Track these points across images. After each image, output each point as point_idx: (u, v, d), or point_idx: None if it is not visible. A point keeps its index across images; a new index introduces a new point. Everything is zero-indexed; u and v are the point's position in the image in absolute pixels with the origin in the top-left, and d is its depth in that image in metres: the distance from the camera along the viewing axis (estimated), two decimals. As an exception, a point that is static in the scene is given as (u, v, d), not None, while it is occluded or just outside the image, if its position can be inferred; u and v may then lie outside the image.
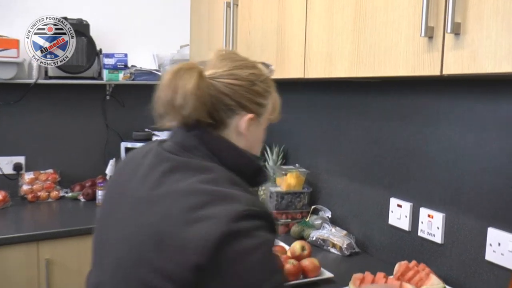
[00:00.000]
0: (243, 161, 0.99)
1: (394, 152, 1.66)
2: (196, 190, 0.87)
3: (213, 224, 0.80)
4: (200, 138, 0.96)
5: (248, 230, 0.82)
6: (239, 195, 0.86)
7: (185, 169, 0.92)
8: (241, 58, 1.04)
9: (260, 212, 0.85)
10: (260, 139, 1.07)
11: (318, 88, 2.08)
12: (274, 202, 2.03)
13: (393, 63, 1.17)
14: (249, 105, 1.00)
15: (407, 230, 1.60)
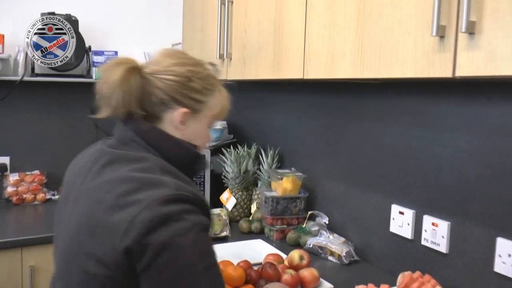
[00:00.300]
0: (179, 150, 1.04)
1: (395, 156, 1.59)
2: (127, 178, 0.92)
3: (139, 208, 0.85)
4: (135, 131, 1.02)
5: (177, 213, 0.87)
6: (168, 181, 0.91)
7: (121, 161, 0.98)
8: (184, 56, 1.09)
9: (189, 196, 0.90)
10: (202, 135, 1.10)
11: (315, 89, 2.01)
12: (269, 207, 1.96)
13: (400, 64, 1.10)
14: (184, 100, 1.04)
15: (409, 238, 1.53)
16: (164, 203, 0.86)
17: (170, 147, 1.03)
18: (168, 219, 0.86)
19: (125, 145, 1.02)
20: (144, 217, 0.85)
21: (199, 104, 1.06)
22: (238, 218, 2.18)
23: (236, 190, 2.21)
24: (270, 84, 2.33)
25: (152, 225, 0.84)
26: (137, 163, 0.96)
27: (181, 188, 0.91)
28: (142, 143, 1.01)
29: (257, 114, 2.49)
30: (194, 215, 0.89)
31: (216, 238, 1.91)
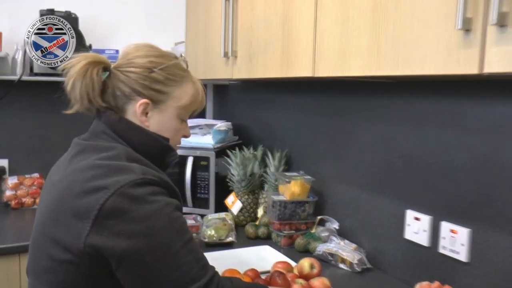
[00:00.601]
0: (147, 140, 1.07)
1: (410, 159, 1.51)
2: (94, 165, 0.95)
3: (107, 194, 0.88)
4: (106, 123, 1.06)
5: (144, 196, 0.90)
6: (134, 167, 0.95)
7: (89, 151, 1.01)
8: (149, 49, 1.11)
9: (155, 180, 0.95)
10: (169, 127, 1.12)
11: (325, 89, 1.93)
12: (276, 212, 1.87)
13: (420, 60, 1.01)
14: (144, 91, 1.07)
15: (426, 245, 1.44)
16: (132, 187, 0.90)
17: (139, 137, 1.06)
18: (136, 202, 0.89)
19: (96, 137, 1.06)
20: (113, 203, 0.88)
21: (161, 94, 1.08)
22: (244, 222, 2.10)
23: (242, 194, 2.13)
24: (278, 83, 2.25)
25: (117, 209, 0.88)
26: (104, 152, 0.99)
27: (147, 172, 0.95)
28: (112, 134, 1.05)
29: (264, 115, 2.40)
30: (162, 196, 0.94)
31: (222, 243, 1.83)
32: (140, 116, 1.08)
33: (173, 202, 0.96)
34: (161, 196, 0.94)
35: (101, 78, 1.05)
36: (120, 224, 0.88)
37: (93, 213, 0.88)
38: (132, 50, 1.11)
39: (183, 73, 1.13)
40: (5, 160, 2.42)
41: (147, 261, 0.88)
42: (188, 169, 2.20)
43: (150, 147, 1.08)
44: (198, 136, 2.32)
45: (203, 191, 2.23)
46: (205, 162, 2.22)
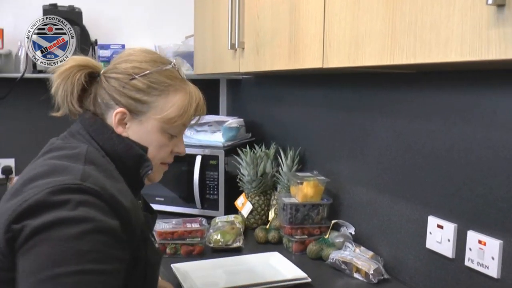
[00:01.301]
0: (121, 146, 0.99)
1: (433, 159, 1.35)
2: (43, 164, 0.90)
3: (29, 194, 0.80)
4: (82, 123, 1.00)
5: (67, 202, 0.80)
6: (77, 170, 0.86)
7: (56, 150, 0.95)
8: (140, 54, 1.04)
9: (93, 189, 0.83)
10: (149, 142, 1.03)
11: (339, 82, 1.78)
12: (287, 215, 1.74)
13: (442, 45, 0.86)
14: (121, 99, 1.00)
15: (450, 257, 1.29)
16: (57, 191, 0.81)
17: (111, 142, 0.99)
18: (53, 206, 0.79)
19: (71, 137, 1.00)
20: (31, 201, 0.80)
21: (141, 104, 1.01)
22: (254, 225, 1.97)
23: (253, 195, 2.00)
24: (290, 77, 2.11)
25: (32, 209, 0.79)
26: (66, 151, 0.94)
27: (89, 178, 0.85)
28: (86, 136, 0.99)
29: (277, 111, 2.27)
30: (91, 209, 0.81)
31: (228, 249, 1.71)
32: (116, 126, 1.01)
33: (99, 221, 0.81)
34: (89, 208, 0.81)
35: (81, 83, 1.00)
36: (24, 222, 0.79)
37: (12, 209, 0.80)
38: (124, 54, 1.06)
39: (171, 82, 1.03)
40: (12, 159, 2.36)
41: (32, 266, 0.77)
42: (197, 168, 2.08)
43: (121, 154, 1.00)
44: (207, 133, 2.21)
45: (212, 192, 2.11)
46: (214, 161, 2.09)
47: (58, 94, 1.00)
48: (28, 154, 2.31)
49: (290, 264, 1.54)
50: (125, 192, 0.93)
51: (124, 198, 0.89)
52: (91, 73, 1.03)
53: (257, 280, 1.40)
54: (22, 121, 2.35)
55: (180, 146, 1.10)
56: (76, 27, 2.15)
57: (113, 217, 0.84)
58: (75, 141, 0.98)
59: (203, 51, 2.13)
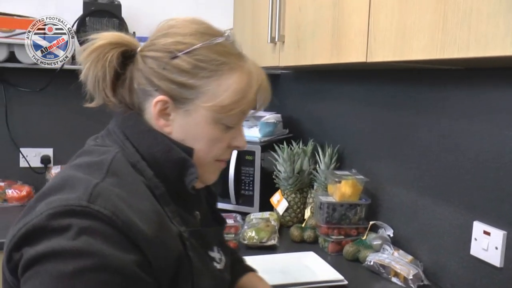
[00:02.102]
0: (159, 149, 0.80)
1: (480, 162, 1.27)
2: (60, 174, 0.76)
3: (31, 216, 0.67)
4: (117, 119, 0.85)
5: (65, 229, 0.64)
6: (87, 184, 0.69)
7: (84, 154, 0.81)
8: (185, 24, 0.84)
9: (98, 212, 0.66)
10: (197, 137, 0.83)
11: (382, 78, 1.71)
12: (324, 215, 1.69)
13: (500, 38, 0.79)
14: (161, 84, 0.80)
15: (498, 266, 1.21)
16: (58, 214, 0.65)
17: (147, 143, 0.81)
18: (52, 233, 0.64)
19: (107, 136, 0.85)
20: (29, 226, 0.66)
21: (186, 90, 0.80)
22: (290, 223, 1.93)
23: (289, 192, 1.96)
24: (330, 72, 2.05)
25: (30, 234, 0.65)
26: (92, 157, 0.78)
27: (99, 199, 0.67)
28: (120, 135, 0.82)
29: (316, 107, 2.22)
30: (96, 240, 0.64)
31: (263, 246, 1.68)
32: (157, 118, 0.81)
33: (105, 256, 0.64)
34: (98, 240, 0.64)
35: (113, 66, 0.80)
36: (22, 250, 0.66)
37: (12, 234, 0.68)
38: (165, 26, 0.85)
39: (224, 59, 0.82)
40: (50, 149, 2.39)
41: None
42: (232, 163, 2.05)
43: (159, 158, 0.80)
44: (244, 128, 2.17)
45: (247, 187, 2.08)
46: (250, 157, 2.06)
47: (88, 80, 0.82)
48: (67, 144, 2.37)
49: (326, 265, 1.49)
50: (150, 213, 0.73)
51: (148, 223, 0.70)
52: (125, 52, 0.82)
53: (291, 280, 1.36)
54: (61, 112, 2.38)
55: (239, 139, 0.89)
56: (115, 20, 2.16)
57: (128, 250, 0.66)
58: (110, 142, 0.83)
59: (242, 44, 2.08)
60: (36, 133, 2.37)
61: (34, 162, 2.35)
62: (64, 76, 2.23)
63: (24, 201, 2.16)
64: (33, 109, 2.34)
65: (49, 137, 2.38)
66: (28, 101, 2.32)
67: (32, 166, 2.33)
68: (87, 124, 2.37)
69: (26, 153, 2.34)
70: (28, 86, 2.28)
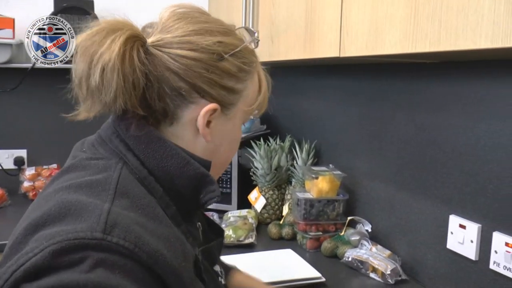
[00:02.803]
0: (173, 162, 0.69)
1: (456, 155, 1.27)
2: (53, 198, 0.60)
3: (21, 256, 0.52)
4: (115, 129, 0.71)
5: (78, 262, 0.51)
6: (98, 211, 0.56)
7: (80, 169, 0.67)
8: (207, 20, 0.73)
9: (118, 245, 0.53)
10: (232, 141, 0.77)
11: (358, 72, 1.70)
12: (302, 211, 1.68)
13: (470, 31, 0.79)
14: (210, 89, 0.69)
15: (473, 259, 1.21)
16: (65, 251, 0.52)
17: (157, 154, 0.69)
18: (59, 268, 0.51)
19: (101, 145, 0.72)
20: (27, 266, 0.51)
21: (233, 95, 0.73)
22: (268, 220, 1.92)
23: (266, 189, 1.94)
24: (306, 67, 2.04)
25: (29, 274, 0.51)
26: (91, 175, 0.65)
27: (116, 228, 0.55)
28: (119, 145, 0.70)
29: (292, 102, 2.20)
30: (116, 275, 0.52)
31: (240, 245, 1.66)
32: (203, 128, 0.71)
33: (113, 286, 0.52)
34: (114, 273, 0.52)
35: (144, 64, 0.66)
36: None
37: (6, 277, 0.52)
38: (178, 18, 0.72)
39: (255, 58, 0.77)
40: (24, 150, 2.33)
41: None
42: (209, 161, 2.03)
43: (173, 173, 0.69)
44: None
45: (225, 185, 2.05)
46: (227, 154, 2.04)
47: (108, 87, 0.64)
48: (41, 144, 2.32)
49: (304, 263, 1.48)
50: (174, 240, 0.63)
51: (174, 253, 0.61)
52: (139, 45, 0.68)
53: (269, 279, 1.34)
54: (34, 111, 2.32)
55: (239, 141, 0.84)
56: (88, 17, 2.11)
57: (153, 285, 0.56)
58: (105, 152, 0.70)
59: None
60: (9, 133, 2.30)
61: (7, 164, 2.29)
62: (36, 76, 2.18)
63: (-3, 204, 2.10)
64: (5, 109, 2.28)
65: (22, 138, 2.32)
66: (0, 101, 2.26)
67: (4, 168, 2.27)
68: (60, 124, 2.32)
69: (-2, 155, 2.28)
70: (-2, 86, 2.23)
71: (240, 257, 1.54)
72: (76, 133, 2.55)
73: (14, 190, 2.26)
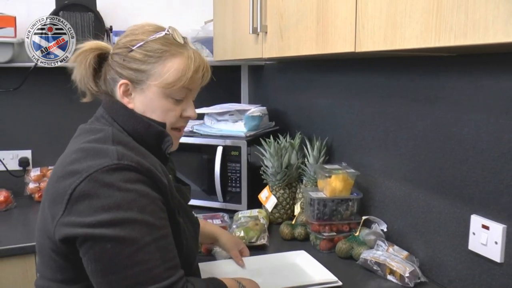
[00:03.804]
0: (140, 125, 1.04)
1: (478, 152, 1.21)
2: (77, 149, 0.94)
3: (77, 178, 0.87)
4: (103, 107, 1.08)
5: (116, 182, 0.87)
6: (111, 151, 0.92)
7: (84, 134, 1.02)
8: (136, 27, 1.08)
9: (132, 165, 0.90)
10: (153, 108, 1.06)
11: (372, 66, 1.64)
12: (315, 211, 1.63)
13: (503, 22, 0.73)
14: (123, 71, 1.05)
15: (497, 261, 1.16)
16: (104, 173, 0.87)
17: (131, 122, 1.04)
18: (110, 187, 0.87)
19: (97, 121, 1.06)
20: (83, 188, 0.86)
21: (140, 73, 1.04)
22: (279, 220, 1.87)
23: (277, 188, 1.89)
24: (317, 61, 1.98)
25: (91, 193, 0.86)
26: (93, 135, 0.98)
27: (125, 157, 0.91)
28: (108, 118, 1.05)
29: (303, 98, 2.14)
30: (139, 184, 0.90)
31: (252, 246, 1.61)
32: (121, 97, 1.06)
33: (149, 193, 0.91)
34: (138, 184, 0.90)
35: (91, 64, 1.07)
36: (87, 211, 0.86)
37: (65, 197, 0.87)
38: (128, 30, 1.10)
39: (166, 48, 1.05)
40: (28, 151, 2.30)
41: (108, 248, 0.85)
42: (218, 160, 1.98)
43: (142, 133, 1.05)
44: (228, 123, 2.10)
45: (234, 184, 2.01)
46: (236, 152, 1.99)
47: (77, 78, 1.08)
48: (46, 145, 2.28)
49: (319, 265, 1.42)
50: (157, 166, 0.98)
51: (159, 172, 0.96)
52: (101, 54, 1.08)
53: (283, 284, 1.30)
54: (38, 112, 2.28)
55: (188, 110, 1.11)
56: (90, 14, 2.06)
57: (155, 190, 0.93)
58: (100, 124, 1.04)
59: (223, 36, 2.02)
60: (13, 134, 2.27)
61: (12, 165, 2.26)
62: (38, 75, 2.14)
63: (2, 206, 2.06)
64: (8, 109, 2.24)
65: (26, 138, 2.29)
66: (2, 101, 2.21)
67: (9, 169, 2.23)
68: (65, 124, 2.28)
69: (3, 156, 2.24)
70: (0, 85, 2.18)
71: (253, 259, 1.49)
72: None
73: (20, 191, 2.23)
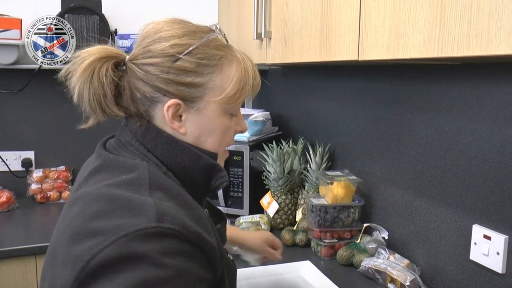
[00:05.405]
0: (186, 158, 0.82)
1: (480, 162, 1.21)
2: (102, 195, 0.72)
3: (99, 241, 0.64)
4: (132, 132, 0.83)
5: (152, 254, 0.63)
6: (149, 205, 0.68)
7: (110, 168, 0.78)
8: (171, 27, 0.83)
9: (176, 230, 0.66)
10: (213, 130, 0.85)
11: (375, 73, 1.64)
12: (316, 218, 1.62)
13: (506, 33, 0.73)
14: (169, 88, 0.81)
15: (499, 272, 1.15)
16: (137, 239, 0.63)
17: (173, 154, 0.82)
18: (141, 260, 0.62)
19: (123, 148, 0.83)
20: (107, 255, 0.62)
21: (193, 88, 0.82)
22: (281, 226, 1.87)
23: (279, 194, 1.89)
24: (321, 67, 1.98)
25: (115, 265, 0.62)
26: (124, 174, 0.75)
27: (166, 216, 0.67)
28: (140, 147, 0.82)
29: (306, 104, 2.14)
30: (181, 258, 0.66)
31: (253, 252, 1.60)
32: (171, 122, 0.82)
33: (191, 272, 0.66)
34: (179, 258, 0.65)
35: (112, 79, 0.80)
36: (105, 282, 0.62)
37: (79, 264, 0.63)
38: (150, 31, 0.84)
39: (222, 52, 0.83)
40: (31, 152, 2.30)
41: None
42: (220, 164, 1.98)
43: (188, 167, 0.83)
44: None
45: (236, 189, 2.01)
46: (238, 157, 1.99)
47: (85, 100, 0.80)
48: (49, 146, 2.29)
49: (324, 278, 1.39)
50: (205, 222, 0.76)
51: (207, 231, 0.74)
52: (116, 63, 0.83)
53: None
54: (41, 113, 2.29)
55: (241, 123, 0.92)
56: (95, 17, 2.07)
57: (201, 263, 0.70)
58: (128, 154, 0.81)
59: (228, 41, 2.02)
60: (16, 135, 2.27)
61: (15, 165, 2.26)
62: (43, 76, 2.15)
63: (4, 207, 2.07)
64: (12, 111, 2.25)
65: (30, 139, 2.29)
66: (6, 102, 2.22)
67: (12, 170, 2.24)
68: (68, 125, 2.30)
69: (6, 157, 2.25)
70: (5, 87, 2.19)
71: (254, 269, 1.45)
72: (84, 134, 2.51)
73: (22, 192, 2.24)
